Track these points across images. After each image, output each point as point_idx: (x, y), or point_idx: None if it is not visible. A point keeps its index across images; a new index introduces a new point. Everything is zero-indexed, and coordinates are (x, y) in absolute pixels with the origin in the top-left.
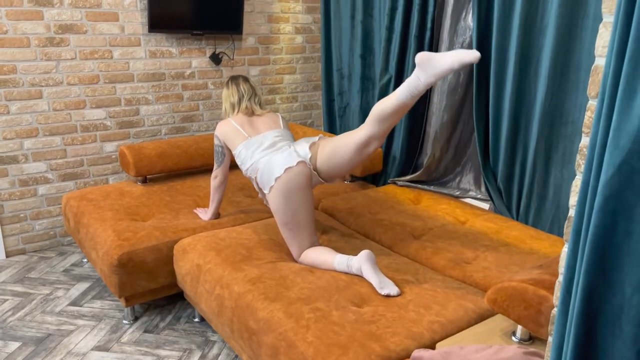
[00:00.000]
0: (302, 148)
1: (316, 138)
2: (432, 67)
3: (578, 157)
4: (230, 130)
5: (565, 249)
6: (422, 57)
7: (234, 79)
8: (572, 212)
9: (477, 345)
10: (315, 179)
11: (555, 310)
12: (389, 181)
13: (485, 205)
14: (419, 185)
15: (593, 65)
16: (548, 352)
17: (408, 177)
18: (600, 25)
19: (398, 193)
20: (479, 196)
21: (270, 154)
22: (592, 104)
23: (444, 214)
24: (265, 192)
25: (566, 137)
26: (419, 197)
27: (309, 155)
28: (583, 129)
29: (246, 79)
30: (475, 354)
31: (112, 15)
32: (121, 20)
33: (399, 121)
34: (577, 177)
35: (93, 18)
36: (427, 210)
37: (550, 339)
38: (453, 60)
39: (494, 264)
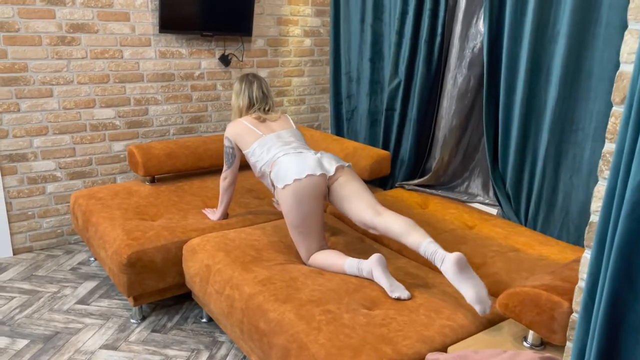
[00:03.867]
0: (330, 164)
1: (345, 164)
2: (459, 274)
3: (601, 163)
4: (242, 130)
5: (586, 255)
6: (461, 261)
7: (248, 81)
8: (593, 218)
9: (491, 350)
10: (326, 197)
11: (575, 316)
12: (396, 185)
13: (493, 211)
14: (427, 190)
15: (618, 72)
16: (567, 357)
17: (416, 181)
18: (626, 32)
19: (406, 197)
20: (486, 201)
21: (292, 153)
22: (617, 110)
23: (452, 218)
24: (279, 186)
25: (576, 144)
26: (426, 202)
27: (332, 175)
28: (606, 135)
29: (260, 83)
30: (491, 359)
31: (123, 15)
32: (132, 20)
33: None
34: (599, 183)
35: (104, 18)
36: (435, 215)
37: (569, 344)
38: (470, 296)
39: (503, 269)
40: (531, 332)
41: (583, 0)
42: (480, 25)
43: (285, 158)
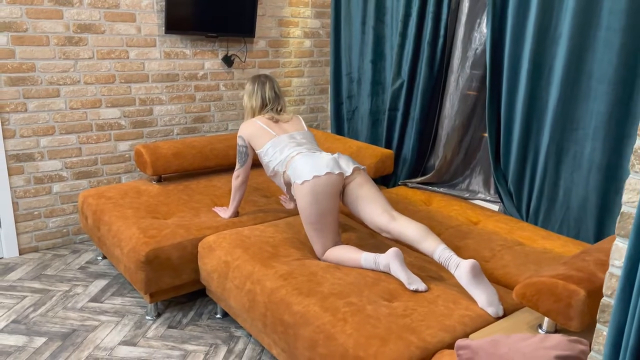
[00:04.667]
0: (347, 165)
1: (361, 166)
2: (473, 280)
3: (632, 157)
4: (256, 130)
5: (617, 243)
6: (475, 268)
7: (260, 82)
8: (625, 209)
9: (521, 334)
10: (340, 197)
11: (607, 300)
12: (399, 183)
13: (494, 207)
14: (429, 187)
15: None
16: (598, 338)
17: (418, 179)
18: None
19: (410, 194)
20: (487, 198)
21: (305, 153)
22: None
23: (457, 214)
24: (297, 182)
25: (577, 142)
26: (430, 199)
27: (349, 175)
28: (638, 132)
29: (272, 84)
30: (523, 342)
31: (130, 16)
32: (138, 21)
33: None
34: (630, 176)
35: (111, 18)
36: (440, 211)
37: (600, 326)
38: (483, 300)
39: (512, 262)
40: (546, 320)
41: (584, 4)
42: (483, 28)
43: (301, 157)
